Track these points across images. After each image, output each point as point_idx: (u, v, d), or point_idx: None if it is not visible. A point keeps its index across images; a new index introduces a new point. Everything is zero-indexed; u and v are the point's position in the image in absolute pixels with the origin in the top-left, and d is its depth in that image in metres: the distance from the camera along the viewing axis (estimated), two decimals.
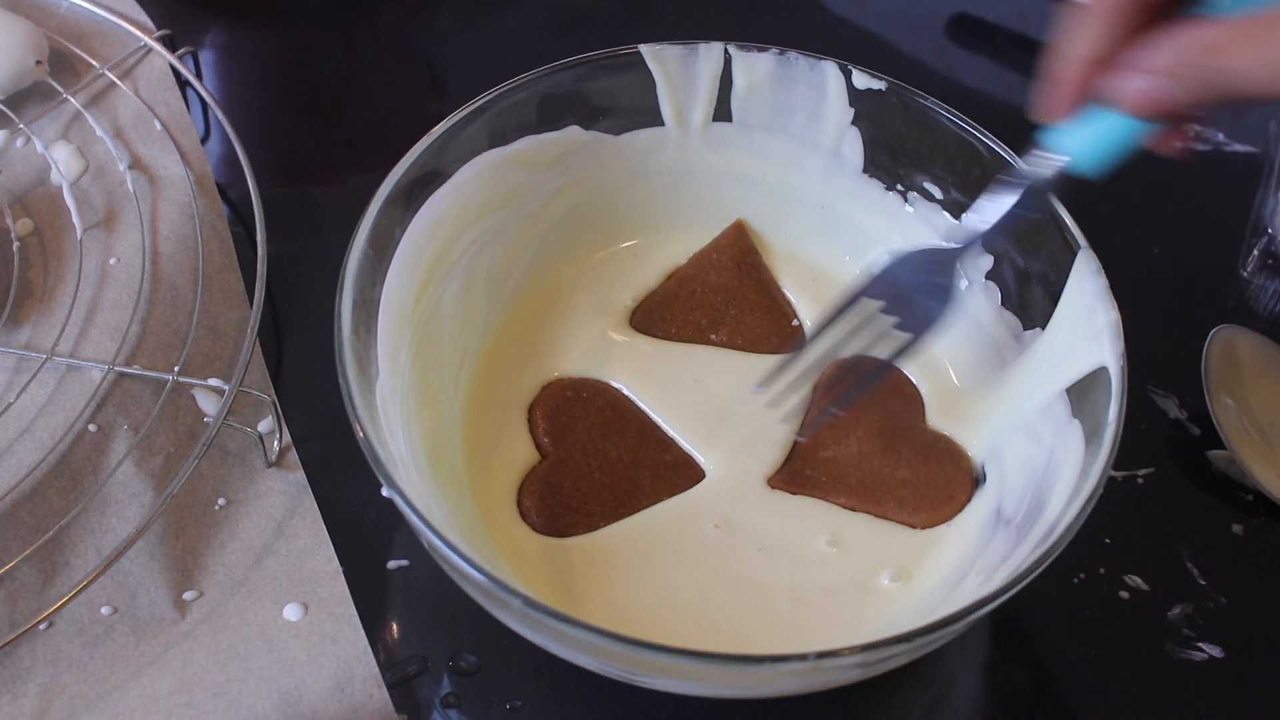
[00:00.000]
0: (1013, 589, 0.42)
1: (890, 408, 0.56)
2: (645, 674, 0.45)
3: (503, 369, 0.57)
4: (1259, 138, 0.73)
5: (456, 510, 0.51)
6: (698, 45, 0.57)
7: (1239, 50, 0.39)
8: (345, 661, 0.51)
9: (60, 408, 0.56)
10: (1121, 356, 0.47)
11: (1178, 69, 0.41)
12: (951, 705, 0.54)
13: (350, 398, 0.46)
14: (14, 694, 0.51)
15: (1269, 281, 0.66)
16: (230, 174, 0.68)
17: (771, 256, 0.62)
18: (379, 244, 0.51)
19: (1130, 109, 0.43)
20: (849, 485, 0.54)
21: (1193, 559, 0.56)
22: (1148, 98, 0.42)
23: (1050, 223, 0.52)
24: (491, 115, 0.55)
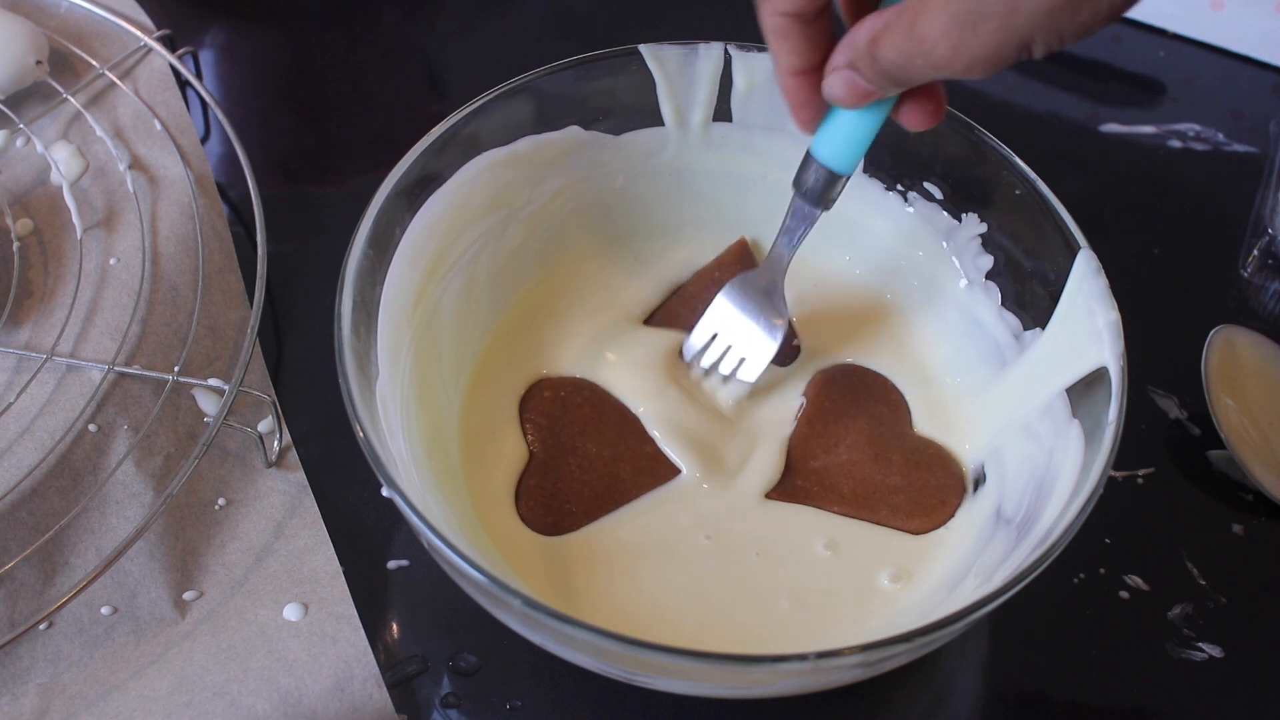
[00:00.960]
0: (1013, 589, 0.42)
1: (878, 415, 0.56)
2: (645, 674, 0.45)
3: (502, 369, 0.57)
4: (1259, 138, 0.74)
5: (456, 510, 0.51)
6: (698, 45, 0.57)
7: (886, 42, 0.41)
8: (345, 661, 0.51)
9: (60, 408, 0.56)
10: (1121, 356, 0.47)
11: (854, 61, 0.43)
12: (951, 705, 0.54)
13: (350, 398, 0.46)
14: (14, 694, 0.51)
15: (1269, 281, 0.66)
16: (230, 174, 0.68)
17: (762, 255, 0.61)
18: (379, 244, 0.51)
19: (839, 103, 0.46)
20: (841, 494, 0.54)
21: (1193, 559, 0.56)
22: (844, 90, 0.45)
23: (1050, 223, 0.52)
24: (491, 115, 0.55)
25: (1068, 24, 0.37)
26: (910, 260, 0.59)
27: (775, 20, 0.45)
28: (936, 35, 0.39)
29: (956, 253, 0.57)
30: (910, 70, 0.41)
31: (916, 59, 0.40)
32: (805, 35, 0.45)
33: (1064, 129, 0.74)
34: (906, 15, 0.40)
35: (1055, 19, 0.37)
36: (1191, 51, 0.78)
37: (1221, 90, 0.77)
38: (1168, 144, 0.74)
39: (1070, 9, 0.37)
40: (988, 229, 0.55)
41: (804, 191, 0.51)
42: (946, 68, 0.40)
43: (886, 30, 0.41)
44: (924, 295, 0.59)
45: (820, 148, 0.50)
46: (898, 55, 0.41)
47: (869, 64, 0.43)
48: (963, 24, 0.38)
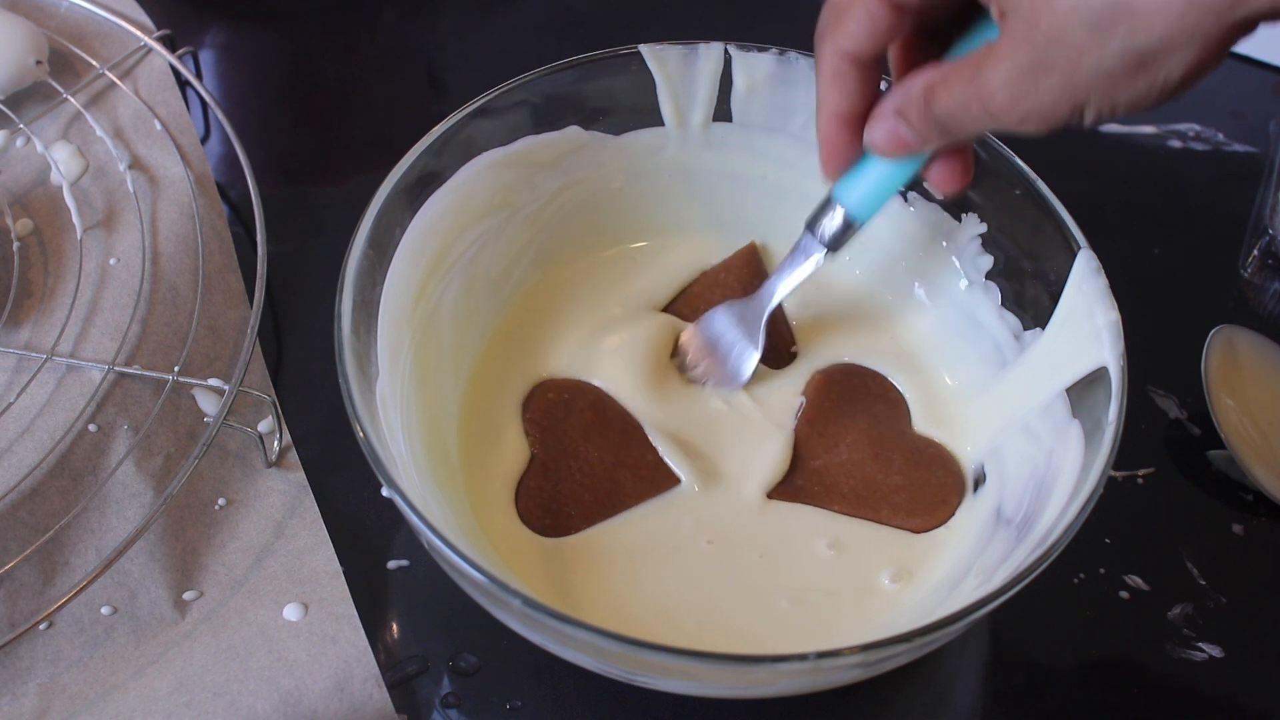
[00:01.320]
0: (1013, 589, 0.42)
1: (877, 414, 0.56)
2: (645, 674, 0.45)
3: (502, 369, 0.57)
4: (1259, 138, 0.74)
5: (456, 510, 0.51)
6: (698, 45, 0.57)
7: (944, 90, 0.42)
8: (345, 661, 0.51)
9: (60, 408, 0.56)
10: (1121, 356, 0.47)
11: (904, 110, 0.44)
12: (951, 705, 0.54)
13: (350, 398, 0.46)
14: (14, 694, 0.51)
15: (1269, 281, 0.66)
16: (230, 174, 0.68)
17: (772, 255, 0.62)
18: (379, 244, 0.51)
19: (877, 150, 0.47)
20: (842, 494, 0.54)
21: (1193, 559, 0.56)
22: (885, 139, 0.46)
23: (1050, 223, 0.52)
24: (491, 115, 0.55)
25: (1122, 92, 0.38)
26: (910, 260, 0.59)
27: (835, 61, 0.46)
28: (998, 83, 0.40)
29: (956, 253, 0.57)
30: (963, 118, 0.42)
31: (973, 106, 0.41)
32: (859, 79, 0.46)
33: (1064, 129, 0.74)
34: (970, 63, 0.41)
35: (1112, 83, 0.38)
36: None
37: (1221, 90, 0.77)
38: (1168, 144, 0.74)
39: (1127, 76, 0.38)
40: (988, 229, 0.55)
41: (818, 233, 0.52)
42: (1001, 116, 0.40)
43: (945, 79, 0.42)
44: (924, 295, 0.59)
45: (845, 193, 0.50)
46: (954, 103, 0.42)
47: (919, 112, 0.43)
48: (1025, 75, 0.39)
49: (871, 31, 0.44)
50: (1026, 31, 0.38)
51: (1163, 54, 0.37)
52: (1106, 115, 0.39)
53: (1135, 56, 0.37)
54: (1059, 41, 0.38)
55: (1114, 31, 0.37)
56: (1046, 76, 0.39)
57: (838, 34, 0.45)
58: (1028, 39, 0.38)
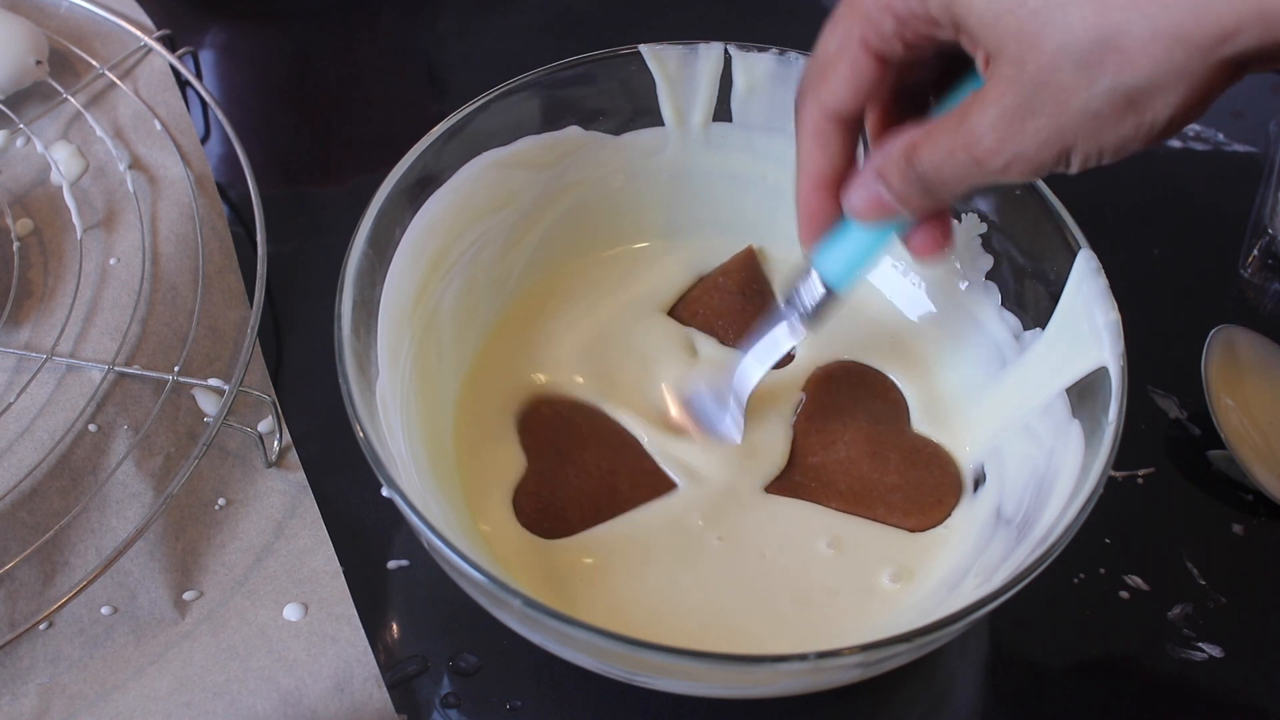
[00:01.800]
0: (1013, 589, 0.42)
1: (876, 413, 0.56)
2: (645, 674, 0.45)
3: (502, 369, 0.57)
4: (1259, 138, 0.73)
5: (456, 510, 0.51)
6: (698, 45, 0.57)
7: (927, 145, 0.42)
8: (345, 661, 0.51)
9: (60, 408, 0.56)
10: (1121, 356, 0.47)
11: (884, 172, 0.44)
12: (951, 705, 0.54)
13: (350, 398, 0.46)
14: (14, 694, 0.51)
15: (1269, 281, 0.66)
16: (230, 174, 0.68)
17: (770, 259, 0.61)
18: (379, 244, 0.51)
19: (857, 216, 0.46)
20: (838, 491, 0.54)
21: (1193, 559, 0.56)
22: (865, 203, 0.45)
23: (1050, 223, 0.52)
24: (491, 115, 0.55)
25: (1109, 135, 0.38)
26: (910, 260, 0.59)
27: (818, 120, 0.45)
28: (984, 127, 0.39)
29: (956, 253, 0.57)
30: (947, 171, 0.41)
31: (959, 154, 0.40)
32: (841, 140, 0.45)
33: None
34: (956, 114, 0.41)
35: (1100, 124, 0.38)
36: None
37: None
38: (1168, 144, 0.73)
39: (1113, 118, 0.37)
40: (988, 229, 0.55)
41: (797, 307, 0.50)
42: (988, 161, 0.40)
43: (929, 134, 0.42)
44: (924, 295, 0.59)
45: (824, 261, 0.49)
46: (938, 155, 0.41)
47: (900, 172, 0.43)
48: (1012, 117, 0.39)
49: (856, 87, 0.43)
50: (1013, 74, 0.38)
51: (1150, 93, 0.37)
52: (1094, 159, 0.39)
53: (1123, 96, 0.37)
54: (1047, 84, 0.38)
55: (1102, 70, 0.37)
56: (1034, 119, 0.38)
57: (821, 90, 0.44)
58: (1015, 81, 0.38)
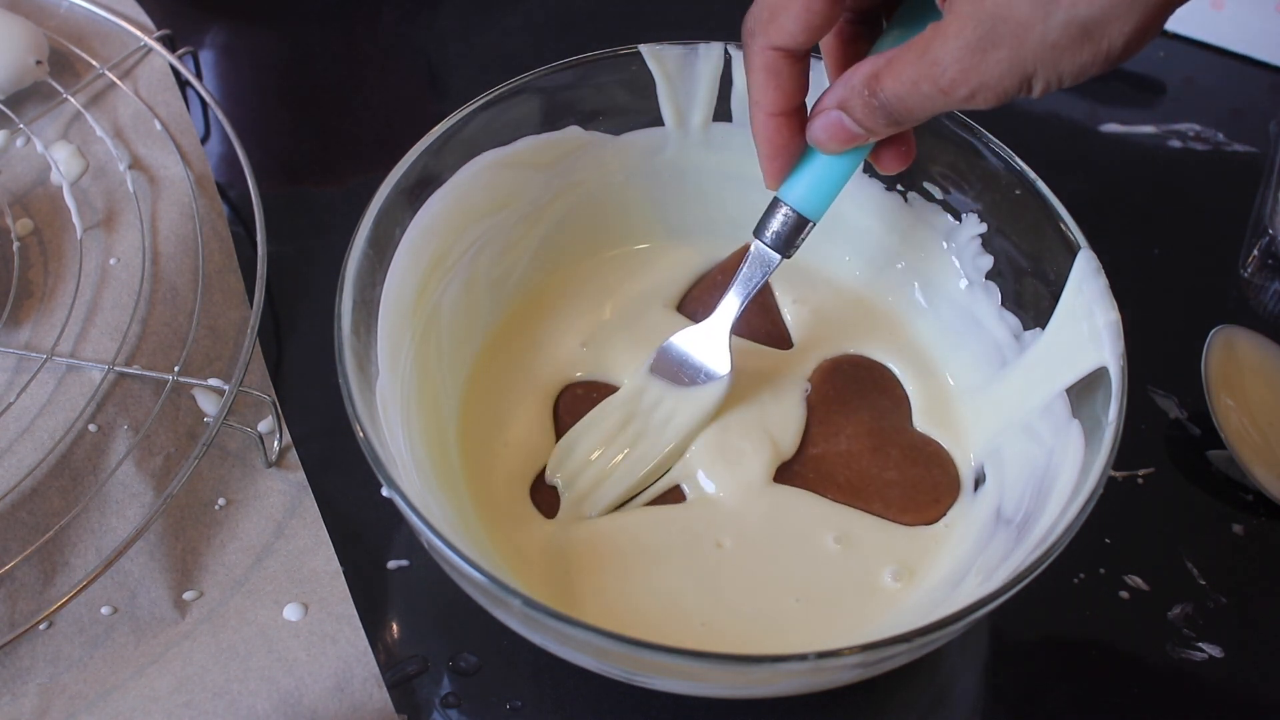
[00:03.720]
0: (1013, 589, 0.42)
1: (880, 408, 0.56)
2: (645, 674, 0.45)
3: (502, 369, 0.57)
4: (1259, 138, 0.74)
5: (456, 510, 0.51)
6: (698, 45, 0.57)
7: (889, 75, 0.43)
8: (345, 661, 0.51)
9: (60, 408, 0.56)
10: (1121, 356, 0.47)
11: (846, 102, 0.45)
12: (951, 705, 0.54)
13: (350, 398, 0.46)
14: (14, 694, 0.51)
15: (1269, 281, 0.66)
16: (230, 174, 0.68)
17: None
18: (379, 244, 0.51)
19: (821, 146, 0.47)
20: (837, 484, 0.54)
21: (1193, 559, 0.56)
22: (829, 133, 0.46)
23: (1050, 223, 0.52)
24: (491, 115, 0.55)
25: (1068, 61, 0.39)
26: (910, 260, 0.59)
27: (768, 56, 0.46)
28: (949, 59, 0.40)
29: (956, 253, 0.57)
30: (912, 100, 0.42)
31: (923, 84, 0.41)
32: (793, 73, 0.46)
33: (1064, 129, 0.74)
34: (917, 45, 0.42)
35: (1058, 54, 0.39)
36: (1191, 51, 0.78)
37: (1221, 90, 0.77)
38: (1168, 144, 0.74)
39: (1071, 47, 0.39)
40: (988, 229, 0.55)
41: (768, 237, 0.51)
42: (953, 91, 0.41)
43: (891, 65, 0.43)
44: (924, 295, 0.59)
45: (791, 192, 0.50)
46: (902, 85, 0.42)
47: (863, 103, 0.44)
48: (974, 50, 0.40)
49: (808, 25, 0.44)
50: (971, 9, 0.39)
51: (1104, 23, 0.38)
52: (1054, 85, 0.40)
53: (1079, 27, 0.38)
54: (1005, 18, 0.39)
55: (1057, 4, 0.38)
56: (995, 51, 0.40)
57: (771, 30, 0.45)
58: (974, 16, 0.39)
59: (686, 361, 0.55)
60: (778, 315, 0.60)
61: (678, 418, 0.54)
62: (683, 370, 0.55)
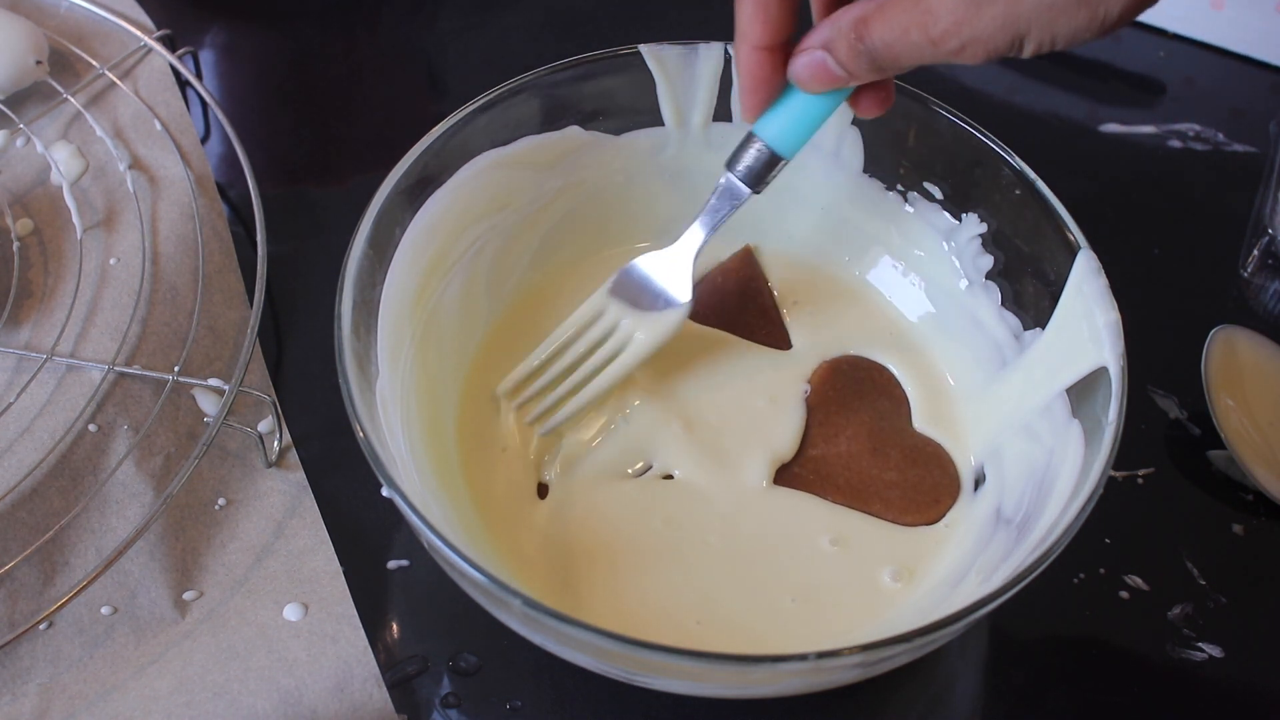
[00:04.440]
0: (1013, 589, 0.42)
1: (880, 409, 0.57)
2: (645, 674, 0.45)
3: (502, 369, 0.57)
4: (1259, 138, 0.74)
5: (456, 510, 0.51)
6: (698, 45, 0.56)
7: (879, 21, 0.42)
8: (345, 661, 0.51)
9: (60, 408, 0.56)
10: (1121, 356, 0.47)
11: (832, 43, 0.44)
12: (951, 705, 0.54)
13: (350, 398, 0.46)
14: (14, 694, 0.51)
15: (1269, 281, 0.66)
16: (230, 174, 0.68)
17: (770, 259, 0.61)
18: (379, 244, 0.51)
19: (801, 85, 0.47)
20: (836, 485, 0.54)
21: (1193, 559, 0.56)
22: (811, 72, 0.46)
23: (1050, 223, 0.52)
24: (491, 115, 0.55)
25: (1063, 24, 0.39)
26: (910, 260, 0.59)
27: None
28: (943, 9, 0.40)
29: (956, 253, 0.57)
30: (900, 48, 0.42)
31: (913, 32, 0.41)
32: (782, 8, 0.46)
33: (1064, 129, 0.74)
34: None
35: (1052, 15, 0.39)
36: (1191, 51, 0.78)
37: (1221, 90, 0.77)
38: (1168, 144, 0.74)
39: (1067, 9, 0.39)
40: (988, 229, 0.55)
41: (740, 170, 0.51)
42: (943, 43, 0.41)
43: (882, 10, 0.42)
44: (924, 295, 0.59)
45: (767, 127, 0.49)
46: (891, 32, 0.42)
47: (849, 46, 0.44)
48: (968, 2, 0.40)
49: None
50: None
51: None
52: (1046, 46, 0.40)
53: None
54: None
55: None
56: (990, 5, 0.39)
57: None
58: None
59: (648, 286, 0.55)
60: (777, 316, 0.60)
61: (633, 342, 0.54)
62: (643, 294, 0.55)
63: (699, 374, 0.57)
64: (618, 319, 0.54)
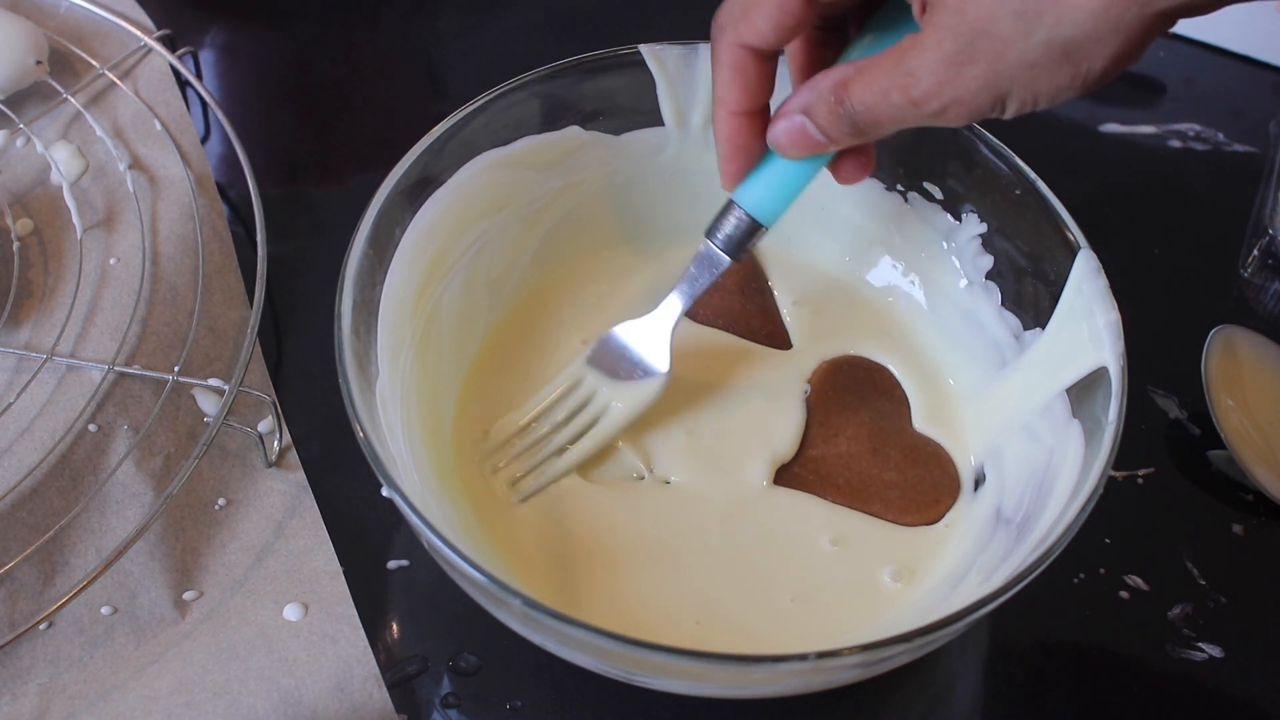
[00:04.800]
0: (1013, 589, 0.42)
1: (880, 409, 0.57)
2: (645, 674, 0.45)
3: (502, 369, 0.57)
4: (1259, 138, 0.74)
5: (456, 510, 0.51)
6: (698, 45, 0.56)
7: (860, 84, 0.42)
8: (345, 661, 0.51)
9: (60, 408, 0.56)
10: (1121, 356, 0.47)
11: (811, 108, 0.44)
12: (951, 705, 0.54)
13: (350, 398, 0.46)
14: (14, 694, 0.51)
15: (1269, 281, 0.66)
16: (230, 174, 0.68)
17: (770, 260, 0.61)
18: (379, 244, 0.51)
19: (781, 151, 0.46)
20: (836, 485, 0.54)
21: (1193, 559, 0.56)
22: (791, 138, 0.45)
23: (1050, 223, 0.52)
24: (491, 115, 0.55)
25: (1045, 83, 0.39)
26: (910, 260, 0.59)
27: (735, 53, 0.45)
28: (924, 71, 0.40)
29: (956, 253, 0.57)
30: (881, 111, 0.42)
31: (894, 94, 0.41)
32: (760, 74, 0.46)
33: (1064, 129, 0.74)
34: (892, 55, 0.41)
35: (1034, 75, 0.39)
36: (1191, 51, 0.78)
37: (1221, 90, 0.77)
38: (1168, 144, 0.74)
39: (1049, 68, 0.38)
40: (988, 229, 0.55)
41: (720, 239, 0.50)
42: (924, 104, 0.41)
43: (861, 74, 0.42)
44: (924, 295, 0.59)
45: (747, 195, 0.49)
46: (872, 95, 0.42)
47: (829, 110, 0.43)
48: (949, 63, 0.39)
49: (779, 24, 0.44)
50: (952, 21, 0.39)
51: (1086, 45, 0.38)
52: (1029, 106, 0.40)
53: (1059, 48, 0.38)
54: (985, 33, 0.38)
55: (1039, 22, 0.37)
56: (971, 65, 0.39)
57: (742, 26, 0.44)
58: (953, 29, 0.39)
59: (625, 355, 0.54)
60: (777, 316, 0.60)
61: (610, 412, 0.54)
62: (620, 364, 0.54)
63: (699, 374, 0.57)
64: (595, 388, 0.54)
